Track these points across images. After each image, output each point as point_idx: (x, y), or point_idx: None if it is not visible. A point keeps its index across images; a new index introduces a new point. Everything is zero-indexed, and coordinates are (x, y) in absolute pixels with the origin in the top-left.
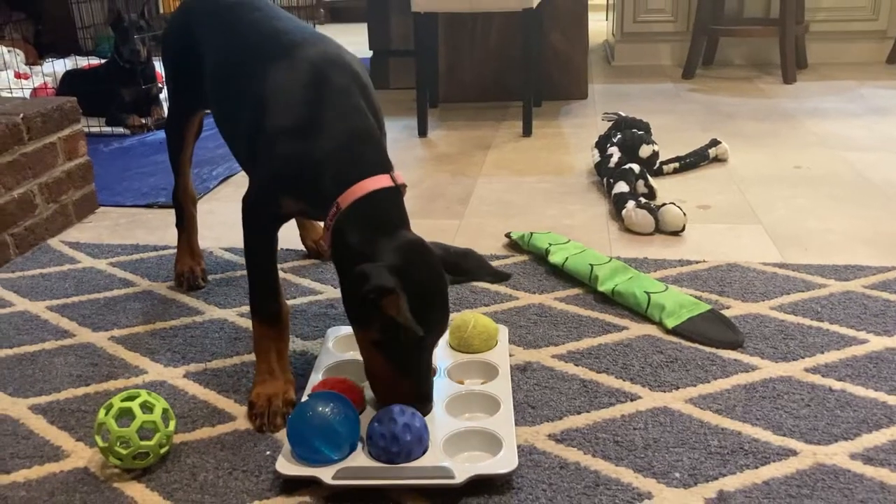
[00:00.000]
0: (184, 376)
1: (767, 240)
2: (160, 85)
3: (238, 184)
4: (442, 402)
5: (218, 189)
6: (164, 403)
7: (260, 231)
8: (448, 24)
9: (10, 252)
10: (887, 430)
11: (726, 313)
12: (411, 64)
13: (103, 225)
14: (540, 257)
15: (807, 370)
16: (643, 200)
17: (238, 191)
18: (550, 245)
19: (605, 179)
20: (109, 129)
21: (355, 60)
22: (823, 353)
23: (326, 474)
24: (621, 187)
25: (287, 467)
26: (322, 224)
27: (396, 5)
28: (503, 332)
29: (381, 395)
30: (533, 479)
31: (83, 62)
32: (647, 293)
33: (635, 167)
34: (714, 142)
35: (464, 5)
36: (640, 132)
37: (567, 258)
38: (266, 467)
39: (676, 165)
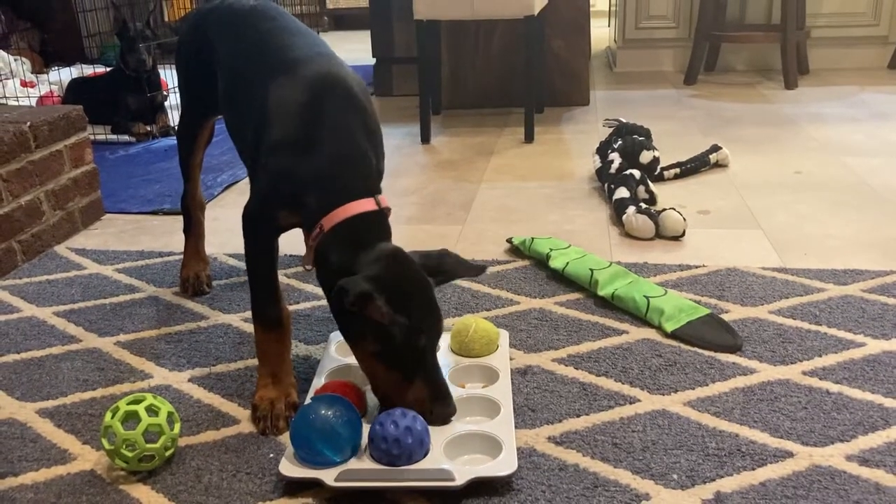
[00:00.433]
0: (189, 380)
1: (767, 245)
2: (165, 93)
3: (242, 190)
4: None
5: (222, 196)
6: (170, 407)
7: (260, 240)
8: (450, 32)
9: (18, 259)
10: (883, 432)
11: (725, 317)
12: (414, 71)
13: (109, 231)
14: (541, 262)
15: (804, 373)
16: (643, 206)
17: (242, 197)
18: (551, 250)
19: (606, 185)
20: (115, 137)
21: (357, 82)
22: (821, 357)
23: (329, 476)
24: (622, 193)
25: (290, 469)
26: None
27: (399, 13)
28: (504, 337)
29: (408, 402)
30: (532, 481)
31: (89, 70)
32: (647, 297)
33: (636, 173)
34: (715, 147)
35: (466, 13)
36: (641, 138)
37: (567, 263)
38: (269, 470)
39: (677, 171)
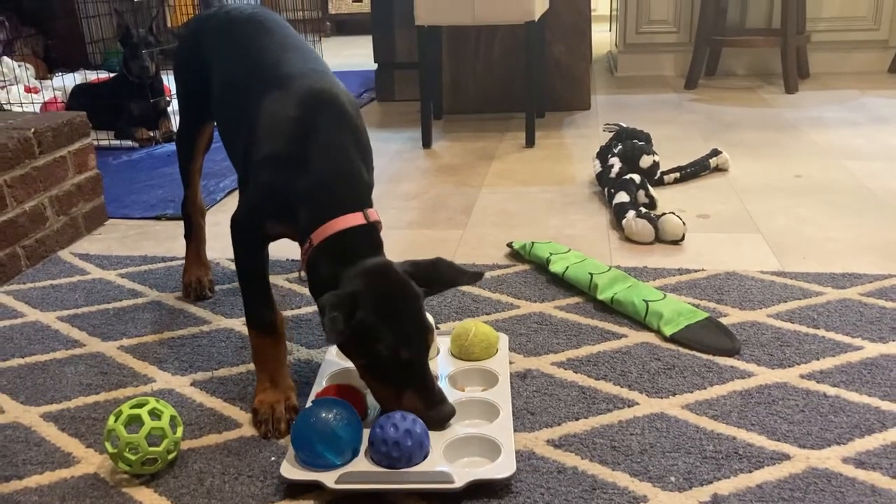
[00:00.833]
0: (191, 384)
1: (766, 248)
2: (168, 98)
3: None
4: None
5: (225, 201)
6: (172, 410)
7: (249, 249)
8: (452, 37)
9: (22, 264)
10: (880, 435)
11: (724, 321)
12: (416, 76)
13: (112, 237)
14: (541, 266)
15: (802, 376)
16: (643, 210)
17: None
18: (551, 254)
19: (607, 189)
20: (118, 143)
21: (349, 98)
22: (819, 360)
23: (329, 479)
24: (622, 197)
25: (291, 472)
26: None
27: (401, 19)
28: (503, 340)
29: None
30: (531, 484)
31: (92, 76)
32: (646, 301)
33: (636, 177)
34: (715, 151)
35: (466, 18)
36: (641, 143)
37: (567, 267)
38: (271, 472)
39: (677, 175)
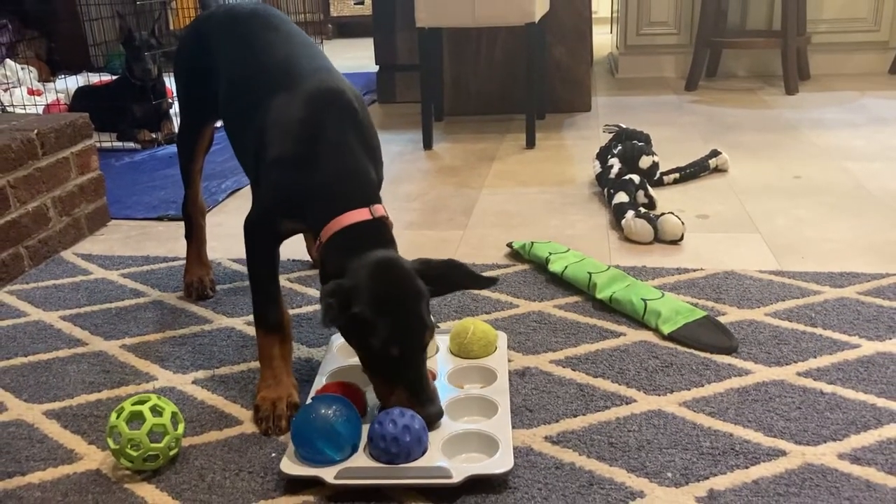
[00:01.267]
0: (192, 382)
1: (765, 248)
2: (170, 100)
3: (246, 196)
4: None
5: (226, 202)
6: (174, 407)
7: (262, 248)
8: (453, 39)
9: (25, 264)
10: (875, 431)
11: (722, 320)
12: (417, 78)
13: (115, 237)
14: (540, 266)
15: (799, 374)
16: (642, 210)
17: (245, 203)
18: (550, 254)
19: (606, 190)
20: (121, 144)
21: (356, 96)
22: (816, 358)
23: (329, 474)
24: (621, 198)
25: (290, 467)
26: None
27: (402, 21)
28: (502, 338)
29: (392, 404)
30: (529, 479)
31: (95, 79)
32: (644, 300)
33: (635, 178)
34: (714, 152)
35: (467, 20)
36: (641, 143)
37: (566, 267)
38: (271, 468)
39: (677, 176)
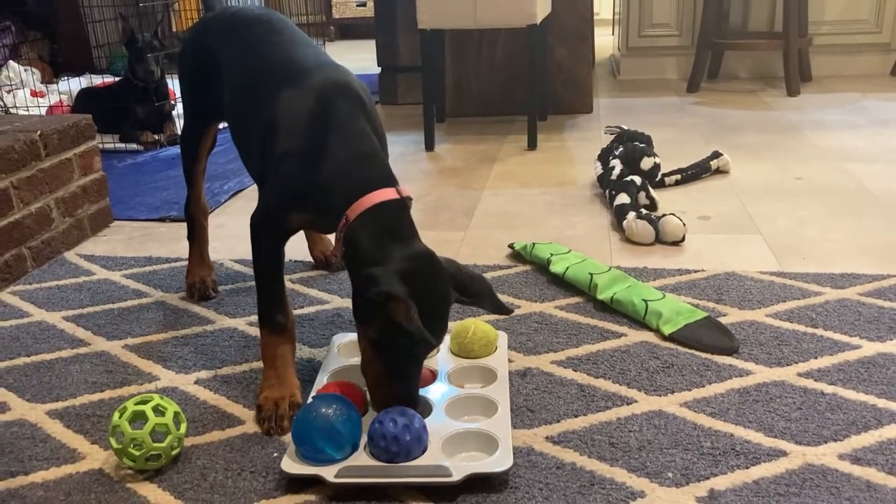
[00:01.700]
0: (195, 383)
1: (766, 249)
2: (172, 102)
3: (248, 197)
4: (442, 405)
5: (229, 203)
6: (176, 407)
7: (268, 246)
8: (455, 41)
9: (28, 265)
10: (875, 432)
11: (723, 320)
12: (419, 79)
13: (117, 238)
14: (542, 267)
15: (800, 375)
16: (644, 211)
17: (248, 204)
18: (552, 255)
19: (608, 191)
20: (123, 146)
21: (362, 88)
22: (817, 359)
23: (329, 473)
24: (623, 199)
25: (292, 466)
26: (329, 236)
27: (404, 22)
28: (502, 338)
29: (370, 390)
30: (530, 479)
31: (97, 80)
32: (645, 301)
33: (637, 179)
34: (716, 154)
35: (469, 22)
36: (642, 145)
37: (568, 268)
38: (273, 468)
39: (678, 177)
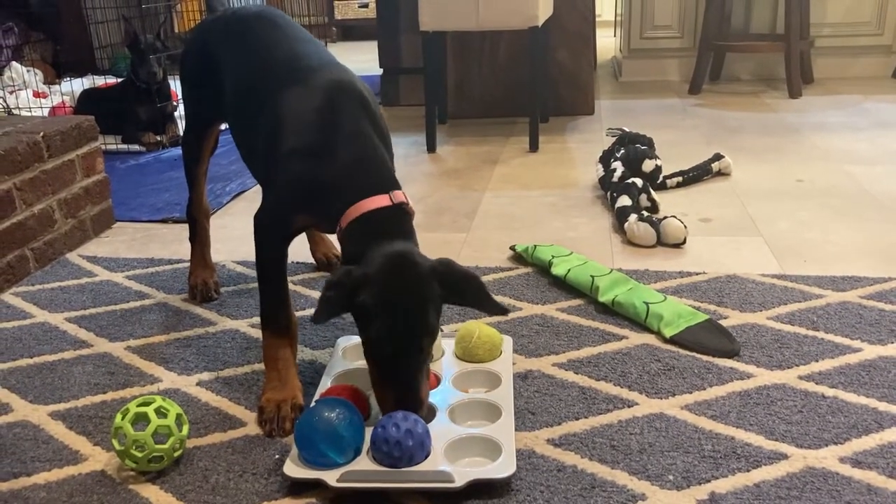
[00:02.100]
0: (197, 384)
1: (767, 252)
2: (175, 103)
3: (250, 199)
4: (445, 410)
5: (231, 204)
6: (178, 409)
7: (272, 247)
8: (457, 43)
9: (30, 266)
10: (876, 435)
11: (724, 323)
12: (421, 81)
13: (120, 239)
14: (543, 269)
15: (801, 378)
16: (645, 214)
17: (250, 206)
18: (553, 257)
19: (609, 193)
20: (125, 147)
21: (366, 88)
22: (818, 362)
23: (331, 477)
24: (624, 201)
25: (294, 470)
26: (332, 237)
27: (406, 24)
28: (507, 343)
29: (377, 398)
30: (531, 482)
31: (100, 81)
32: (646, 303)
33: (638, 181)
34: (717, 156)
35: (471, 24)
36: (644, 147)
37: (569, 270)
38: (275, 470)
39: (679, 179)
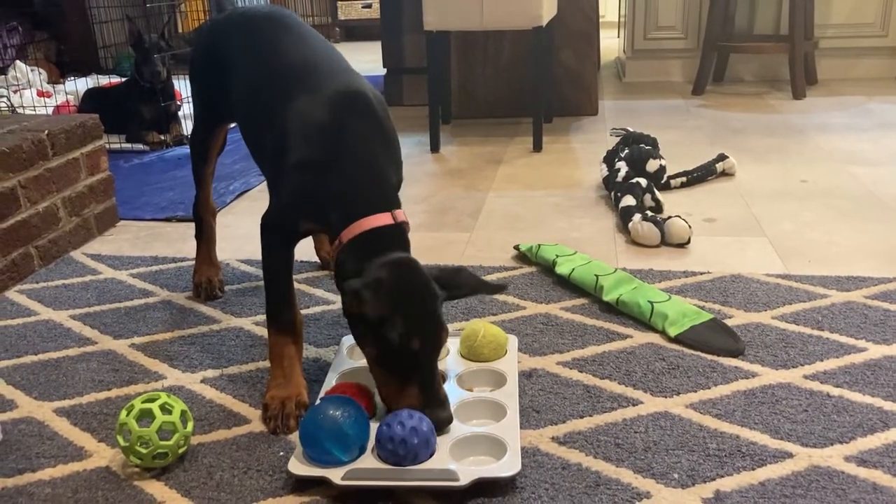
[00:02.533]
0: (201, 381)
1: (772, 252)
2: (178, 103)
3: (254, 198)
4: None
5: (235, 203)
6: (183, 405)
7: (278, 248)
8: (460, 42)
9: (35, 264)
10: (882, 434)
11: (728, 323)
12: (425, 81)
13: (124, 238)
14: (547, 268)
15: (806, 377)
16: (649, 213)
17: (254, 204)
18: (557, 257)
19: (613, 193)
20: (129, 146)
21: (375, 95)
22: (823, 361)
23: (336, 475)
24: (628, 201)
25: (298, 468)
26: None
27: (410, 24)
28: (513, 342)
29: (391, 400)
30: (536, 480)
31: (104, 81)
32: (651, 302)
33: (642, 181)
34: (721, 156)
35: (475, 24)
36: (648, 147)
37: (573, 269)
38: (279, 467)
39: (684, 180)
